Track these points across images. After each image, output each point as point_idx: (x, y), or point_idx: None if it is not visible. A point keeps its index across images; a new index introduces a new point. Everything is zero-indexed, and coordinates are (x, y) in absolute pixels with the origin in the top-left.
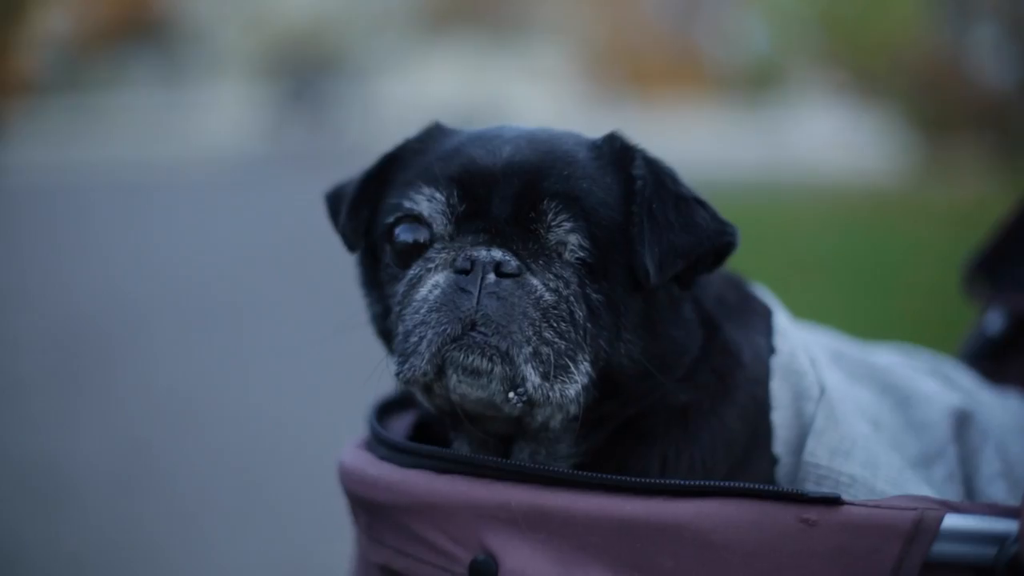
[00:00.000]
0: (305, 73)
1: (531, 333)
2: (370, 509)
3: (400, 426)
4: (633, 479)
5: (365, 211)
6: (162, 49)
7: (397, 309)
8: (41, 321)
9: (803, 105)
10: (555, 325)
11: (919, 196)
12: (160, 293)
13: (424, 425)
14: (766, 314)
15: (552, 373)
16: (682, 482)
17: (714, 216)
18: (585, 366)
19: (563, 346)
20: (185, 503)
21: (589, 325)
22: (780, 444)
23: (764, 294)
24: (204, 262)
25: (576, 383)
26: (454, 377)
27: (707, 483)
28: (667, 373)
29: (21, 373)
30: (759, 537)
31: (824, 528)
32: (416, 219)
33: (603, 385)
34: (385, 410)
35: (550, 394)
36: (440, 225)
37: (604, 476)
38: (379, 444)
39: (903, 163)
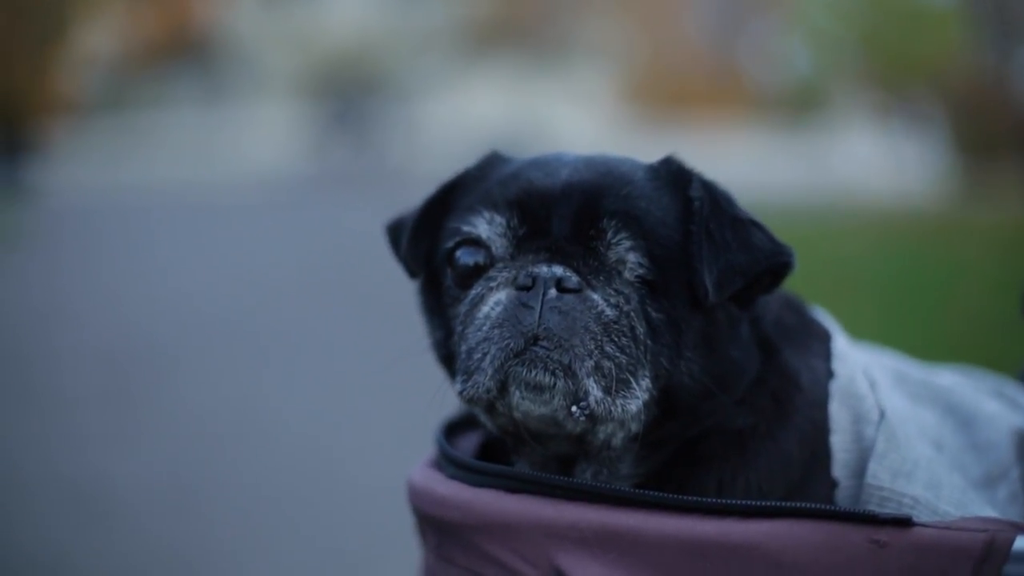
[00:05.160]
0: (348, 94)
1: (593, 347)
2: (440, 528)
3: (467, 445)
4: (704, 500)
5: (426, 238)
6: (206, 69)
7: (459, 329)
8: (89, 339)
9: (845, 127)
10: (616, 340)
11: (962, 218)
12: (205, 312)
13: (491, 444)
14: (825, 337)
15: (614, 388)
16: (754, 503)
17: (770, 237)
18: (646, 382)
19: (624, 361)
20: (234, 519)
21: (650, 342)
22: (839, 467)
23: (823, 317)
24: (248, 281)
25: (637, 399)
26: (517, 394)
27: (778, 504)
28: (726, 393)
29: (70, 390)
30: (829, 558)
31: (895, 549)
32: (476, 242)
33: (664, 404)
34: (452, 429)
35: (612, 409)
36: (500, 247)
37: (675, 496)
38: (448, 463)
39: (946, 185)
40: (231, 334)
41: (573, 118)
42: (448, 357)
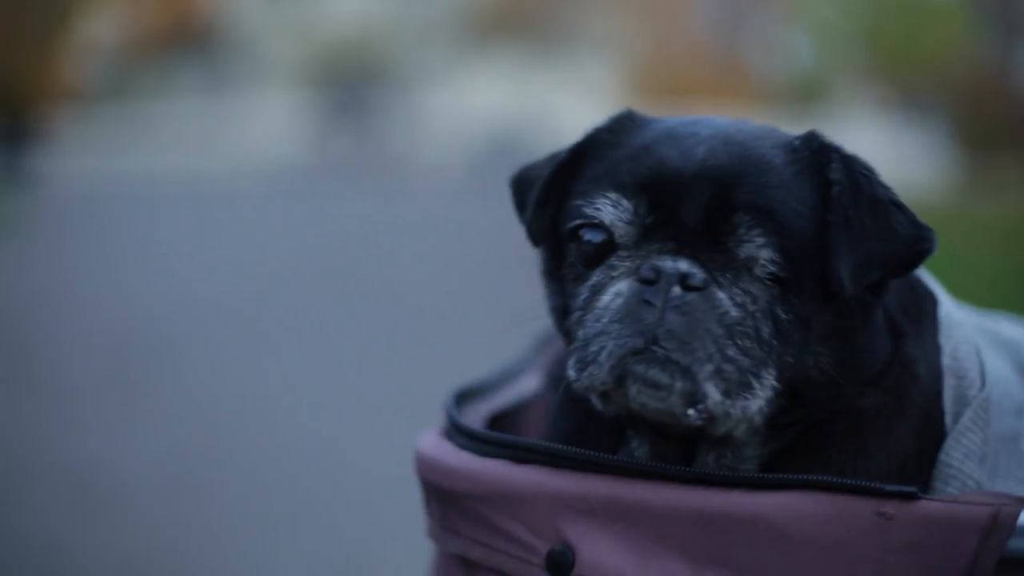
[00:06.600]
0: (351, 84)
1: (714, 350)
2: (445, 498)
3: (475, 416)
4: (711, 472)
5: (552, 206)
6: (208, 58)
7: (578, 314)
8: (90, 327)
9: (848, 120)
10: (739, 342)
11: (965, 212)
12: (207, 300)
13: (500, 416)
14: (934, 309)
15: (734, 390)
16: (760, 475)
17: (912, 220)
18: (769, 380)
19: (747, 363)
20: (234, 508)
21: (775, 342)
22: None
23: (927, 278)
24: (250, 270)
25: (759, 399)
26: (634, 388)
27: (785, 476)
28: (856, 381)
29: (70, 378)
30: (836, 531)
31: (901, 522)
32: (599, 226)
33: (790, 394)
34: (462, 399)
35: (731, 410)
36: (624, 234)
37: (682, 469)
38: (457, 433)
39: (948, 179)
40: (232, 322)
41: (576, 109)
42: (565, 330)
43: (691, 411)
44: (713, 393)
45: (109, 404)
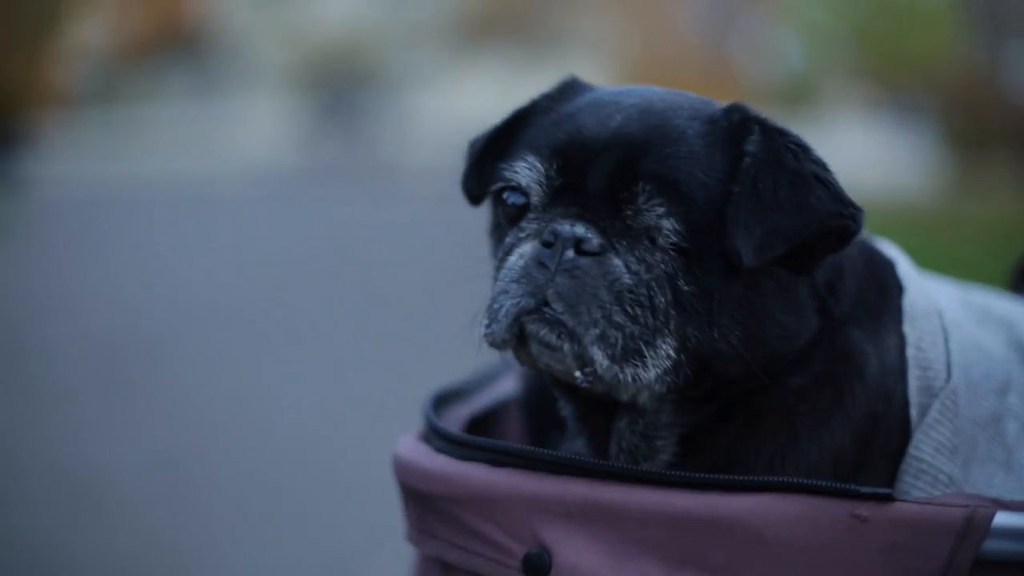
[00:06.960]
0: (340, 87)
1: (599, 316)
2: (422, 501)
3: (454, 419)
4: (687, 474)
5: (488, 167)
6: (198, 62)
7: (494, 273)
8: (85, 329)
9: (837, 121)
10: (628, 309)
11: (954, 213)
12: (200, 301)
13: (478, 419)
14: (899, 299)
15: (621, 356)
16: (736, 478)
17: (834, 196)
18: (666, 351)
19: (636, 331)
20: (230, 509)
21: (673, 312)
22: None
23: (894, 252)
24: (242, 271)
25: (653, 368)
26: (535, 347)
27: (760, 479)
28: (773, 359)
29: (65, 380)
30: (810, 533)
31: (876, 524)
32: (519, 188)
33: (698, 367)
34: (441, 401)
35: (620, 376)
36: (536, 196)
37: (658, 472)
38: (435, 436)
39: (938, 180)
40: (226, 323)
41: None
42: None
43: (578, 373)
44: (599, 357)
45: (102, 405)
